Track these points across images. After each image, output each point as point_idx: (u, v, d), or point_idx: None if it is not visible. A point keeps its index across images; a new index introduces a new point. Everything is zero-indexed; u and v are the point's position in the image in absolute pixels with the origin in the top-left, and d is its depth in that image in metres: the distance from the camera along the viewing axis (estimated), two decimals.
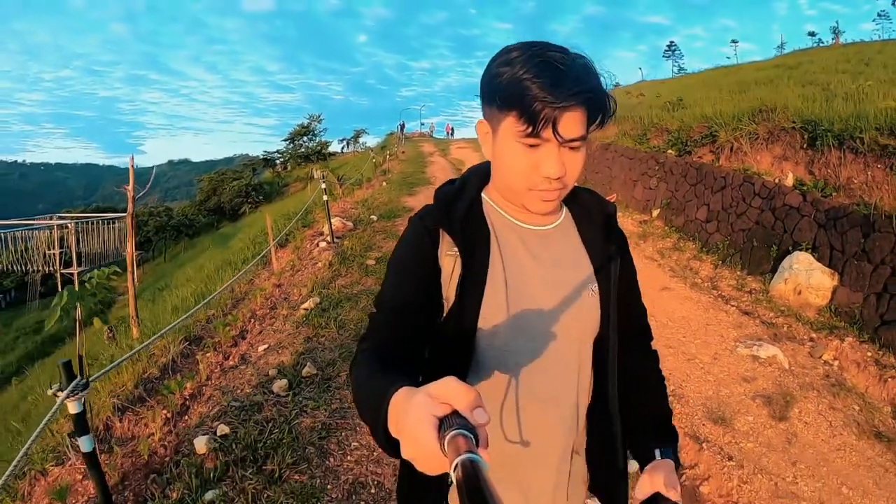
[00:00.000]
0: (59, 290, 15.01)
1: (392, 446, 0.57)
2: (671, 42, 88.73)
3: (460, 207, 0.90)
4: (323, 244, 7.38)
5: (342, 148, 36.64)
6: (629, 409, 1.00)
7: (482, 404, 0.50)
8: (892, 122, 5.59)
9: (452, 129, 42.38)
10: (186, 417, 3.28)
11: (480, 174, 0.97)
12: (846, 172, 5.84)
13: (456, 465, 0.42)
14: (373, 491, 2.64)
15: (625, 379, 0.99)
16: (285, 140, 30.50)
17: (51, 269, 14.39)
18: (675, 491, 0.85)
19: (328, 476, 2.69)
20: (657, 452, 0.93)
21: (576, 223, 0.98)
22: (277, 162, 30.60)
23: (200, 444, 2.78)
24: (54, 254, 14.11)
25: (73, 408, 1.92)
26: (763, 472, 3.03)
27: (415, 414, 0.50)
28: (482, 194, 0.95)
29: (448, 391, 0.50)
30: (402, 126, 39.76)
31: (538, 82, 0.74)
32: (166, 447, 2.93)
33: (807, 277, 5.22)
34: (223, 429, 2.91)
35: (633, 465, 1.01)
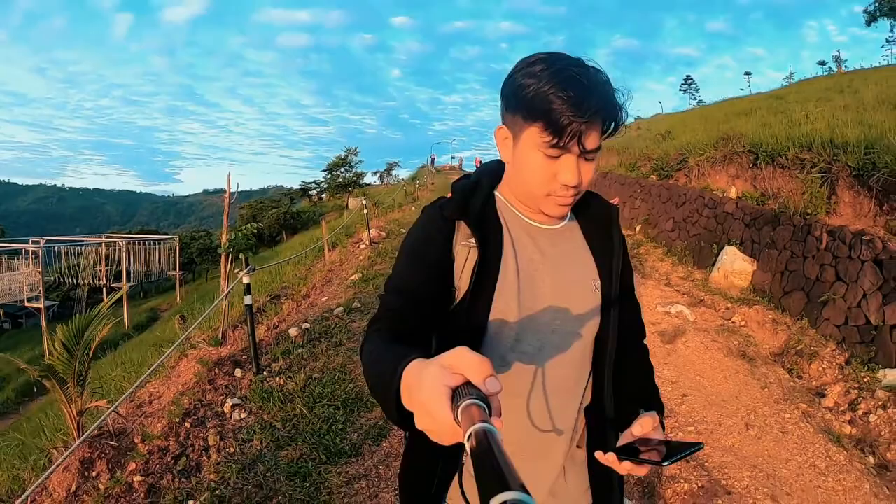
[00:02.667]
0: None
1: (405, 419, 0.58)
2: (688, 76, 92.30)
3: (476, 201, 0.93)
4: (363, 246, 9.35)
5: (380, 178, 39.06)
6: (620, 393, 1.01)
7: (494, 374, 0.50)
8: (809, 141, 7.11)
9: (482, 164, 43.65)
10: (278, 329, 5.13)
11: (492, 173, 1.02)
12: (776, 184, 7.39)
13: (470, 435, 0.43)
14: None
15: (618, 369, 1.01)
16: (324, 171, 33.01)
17: (98, 283, 14.97)
18: (658, 432, 0.86)
19: None
20: (641, 411, 0.93)
21: (580, 224, 1.02)
22: (313, 192, 32.96)
23: (293, 331, 4.65)
24: (100, 270, 14.98)
25: (245, 279, 3.79)
26: None
27: (428, 385, 0.51)
28: (495, 192, 0.99)
29: (461, 361, 0.51)
30: (433, 159, 42.12)
31: (564, 97, 0.78)
32: (269, 337, 4.78)
33: (731, 265, 6.78)
34: (306, 325, 4.78)
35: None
